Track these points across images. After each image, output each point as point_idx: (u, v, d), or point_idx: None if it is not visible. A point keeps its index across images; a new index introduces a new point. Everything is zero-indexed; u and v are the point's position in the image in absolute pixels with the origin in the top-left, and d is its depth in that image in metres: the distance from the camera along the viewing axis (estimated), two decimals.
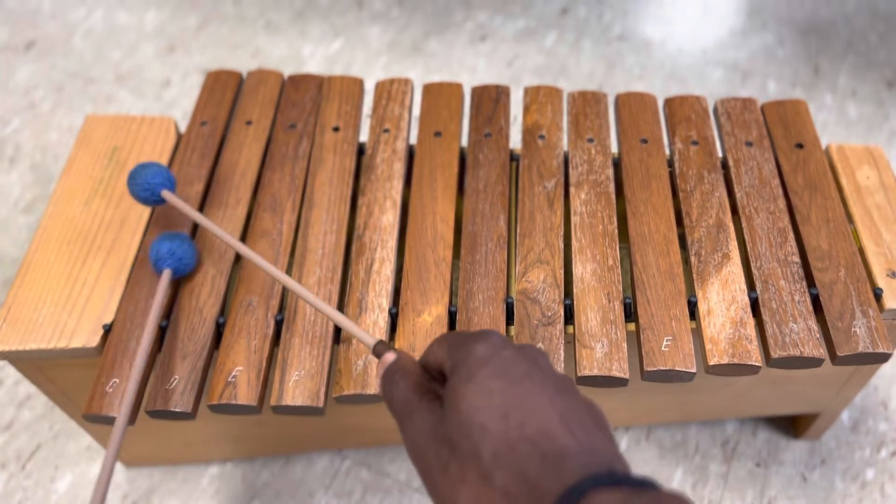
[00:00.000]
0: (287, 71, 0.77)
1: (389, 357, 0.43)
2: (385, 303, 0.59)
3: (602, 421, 0.34)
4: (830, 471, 0.82)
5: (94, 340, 0.57)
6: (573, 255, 0.61)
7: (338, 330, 0.58)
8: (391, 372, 0.41)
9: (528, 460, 0.31)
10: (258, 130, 0.71)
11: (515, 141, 1.01)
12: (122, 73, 1.23)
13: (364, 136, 0.98)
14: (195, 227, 0.64)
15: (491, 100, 0.73)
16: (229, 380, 0.55)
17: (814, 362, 0.55)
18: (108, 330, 0.58)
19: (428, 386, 0.39)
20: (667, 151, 0.69)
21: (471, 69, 1.24)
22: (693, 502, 0.30)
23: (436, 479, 0.34)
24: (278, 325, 0.58)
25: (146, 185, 0.60)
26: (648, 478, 0.30)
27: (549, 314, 0.57)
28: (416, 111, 0.73)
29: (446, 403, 0.35)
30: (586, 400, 0.35)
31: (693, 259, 0.60)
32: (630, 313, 0.58)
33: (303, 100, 0.73)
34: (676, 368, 0.54)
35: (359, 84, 0.75)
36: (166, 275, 0.58)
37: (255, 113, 0.72)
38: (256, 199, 0.66)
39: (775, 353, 0.55)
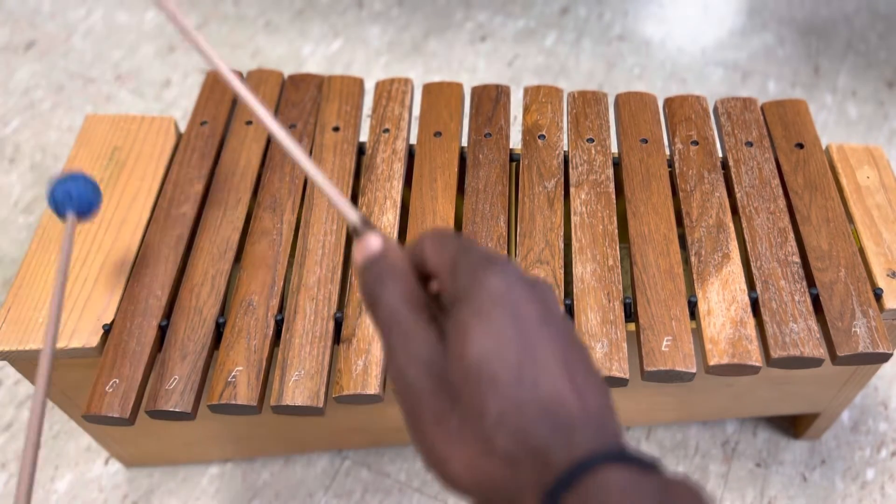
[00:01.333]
0: (287, 71, 0.77)
1: (374, 243, 0.34)
2: None
3: (608, 391, 0.31)
4: (830, 471, 0.82)
5: (94, 340, 0.57)
6: (573, 255, 0.61)
7: (338, 330, 0.58)
8: (378, 268, 0.33)
9: (538, 425, 0.28)
10: (258, 130, 0.71)
11: (515, 141, 1.01)
12: (122, 73, 1.23)
13: (364, 136, 0.98)
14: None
15: (491, 100, 0.73)
16: (229, 380, 0.55)
17: (814, 362, 0.55)
18: (108, 330, 0.58)
19: (423, 299, 0.33)
20: (667, 151, 0.69)
21: (471, 69, 1.24)
22: (696, 484, 0.28)
23: (426, 428, 0.30)
24: (278, 325, 0.58)
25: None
26: (655, 458, 0.28)
27: None
28: (416, 111, 0.73)
29: (451, 339, 0.30)
30: (594, 365, 0.31)
31: (693, 259, 0.60)
32: (630, 313, 0.58)
33: (303, 100, 0.73)
34: (676, 368, 0.54)
35: (359, 84, 0.75)
36: (70, 220, 0.53)
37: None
38: (256, 199, 0.66)
39: (775, 353, 0.55)
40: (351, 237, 0.64)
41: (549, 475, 0.27)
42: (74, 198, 0.53)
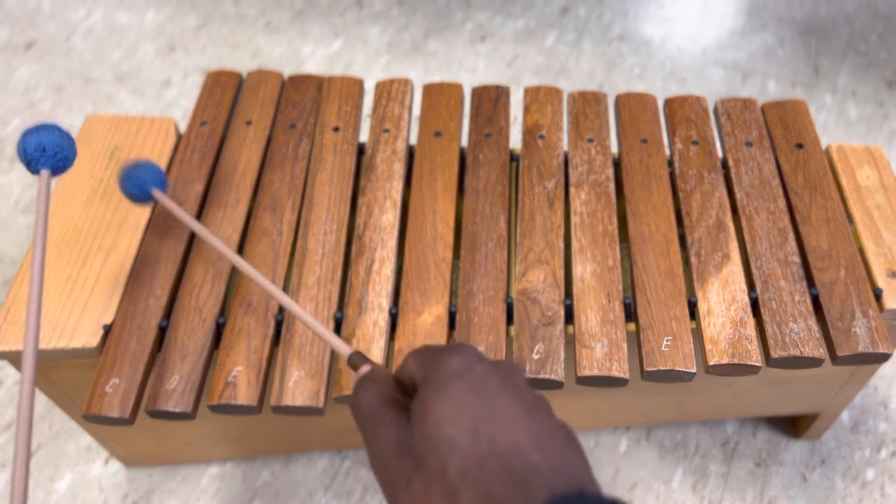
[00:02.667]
0: (287, 71, 0.77)
1: (364, 369, 0.41)
2: (385, 303, 0.59)
3: (575, 441, 0.33)
4: (830, 471, 0.82)
5: (94, 340, 0.57)
6: (573, 255, 0.61)
7: (338, 330, 0.58)
8: (362, 381, 0.39)
9: (496, 477, 0.30)
10: (258, 130, 0.71)
11: (515, 141, 1.01)
12: (122, 73, 1.23)
13: (364, 136, 0.98)
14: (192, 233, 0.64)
15: (491, 100, 0.73)
16: (229, 380, 0.55)
17: (814, 362, 0.55)
18: (108, 330, 0.58)
19: (398, 398, 0.37)
20: (667, 151, 0.69)
21: (471, 69, 1.24)
22: None
23: (398, 495, 0.32)
24: (278, 325, 0.58)
25: (137, 182, 0.59)
26: (619, 499, 0.29)
27: (549, 314, 0.57)
28: (416, 111, 0.73)
29: (414, 414, 0.34)
30: (560, 421, 0.34)
31: (693, 259, 0.60)
32: (630, 313, 0.58)
33: (303, 100, 0.73)
34: (676, 368, 0.54)
35: (359, 84, 0.75)
36: (44, 175, 0.50)
37: (255, 113, 0.72)
38: (256, 199, 0.66)
39: (775, 353, 0.55)
40: (351, 238, 0.64)
41: None
42: (48, 151, 0.50)
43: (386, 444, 0.34)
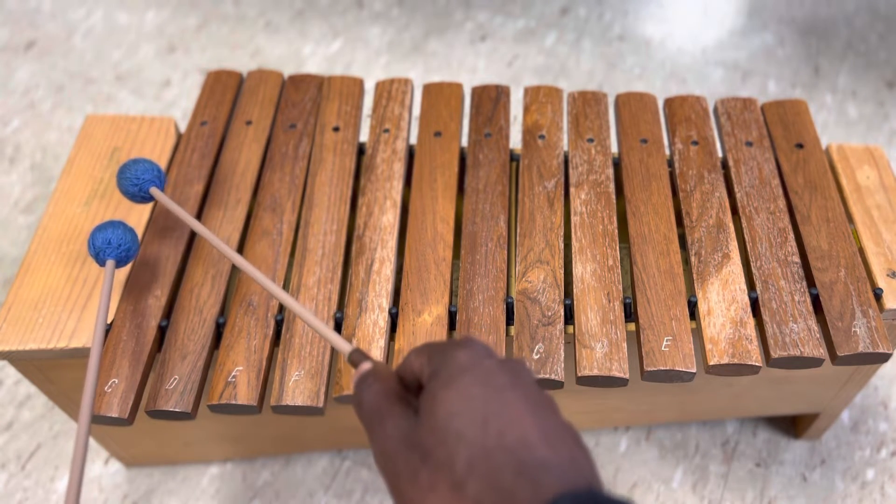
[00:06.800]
0: (287, 71, 0.77)
1: (365, 366, 0.41)
2: (385, 303, 0.59)
3: (581, 440, 0.33)
4: (830, 471, 0.82)
5: (92, 342, 0.57)
6: (573, 255, 0.61)
7: (338, 330, 0.58)
8: (364, 377, 0.39)
9: (505, 470, 0.30)
10: (258, 130, 0.71)
11: (515, 141, 1.01)
12: (122, 73, 1.23)
13: (364, 136, 0.98)
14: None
15: (491, 100, 0.73)
16: (229, 380, 0.55)
17: (814, 362, 0.55)
18: (108, 330, 0.58)
19: (401, 393, 0.37)
20: (667, 151, 0.69)
21: (471, 69, 1.24)
22: None
23: (403, 488, 0.32)
24: (278, 325, 0.58)
25: (135, 180, 0.59)
26: (627, 498, 0.29)
27: (549, 314, 0.57)
28: (416, 111, 0.73)
29: (422, 408, 0.34)
30: (566, 420, 0.34)
31: (693, 259, 0.60)
32: (630, 313, 0.58)
33: (303, 100, 0.73)
34: (676, 368, 0.54)
35: (359, 84, 0.75)
36: (110, 266, 0.56)
37: (255, 113, 0.72)
38: (256, 199, 0.66)
39: (775, 353, 0.55)
40: (351, 238, 0.64)
41: None
42: (115, 246, 0.56)
43: (391, 438, 0.34)
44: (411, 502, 0.32)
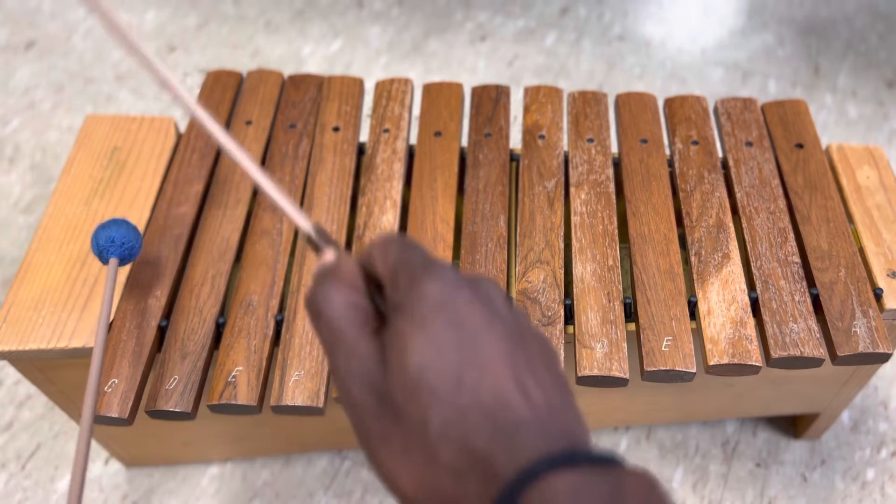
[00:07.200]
0: (287, 71, 0.77)
1: (328, 256, 0.34)
2: None
3: (559, 374, 0.30)
4: (830, 471, 0.82)
5: (94, 340, 0.57)
6: (573, 255, 0.61)
7: None
8: (324, 274, 0.33)
9: (479, 431, 0.27)
10: (258, 130, 0.71)
11: (515, 141, 1.01)
12: (122, 73, 1.23)
13: (364, 136, 0.98)
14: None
15: (491, 100, 0.73)
16: (229, 380, 0.55)
17: (814, 362, 0.55)
18: (107, 330, 0.58)
19: (368, 310, 0.32)
20: (667, 151, 0.69)
21: (471, 69, 1.24)
22: (658, 481, 0.26)
23: (374, 447, 0.30)
24: (278, 325, 0.58)
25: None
26: (612, 452, 0.27)
27: (549, 314, 0.57)
28: (416, 111, 0.73)
29: (390, 352, 0.30)
30: (540, 341, 0.31)
31: (693, 259, 0.60)
32: (630, 313, 0.58)
33: (303, 100, 0.73)
34: (676, 368, 0.54)
35: (359, 84, 0.75)
36: (113, 264, 0.55)
37: (255, 113, 0.72)
38: (256, 199, 0.66)
39: (775, 353, 0.55)
40: (351, 238, 0.64)
41: (494, 488, 0.26)
42: (117, 242, 0.56)
43: (357, 381, 0.30)
44: (384, 466, 0.29)
